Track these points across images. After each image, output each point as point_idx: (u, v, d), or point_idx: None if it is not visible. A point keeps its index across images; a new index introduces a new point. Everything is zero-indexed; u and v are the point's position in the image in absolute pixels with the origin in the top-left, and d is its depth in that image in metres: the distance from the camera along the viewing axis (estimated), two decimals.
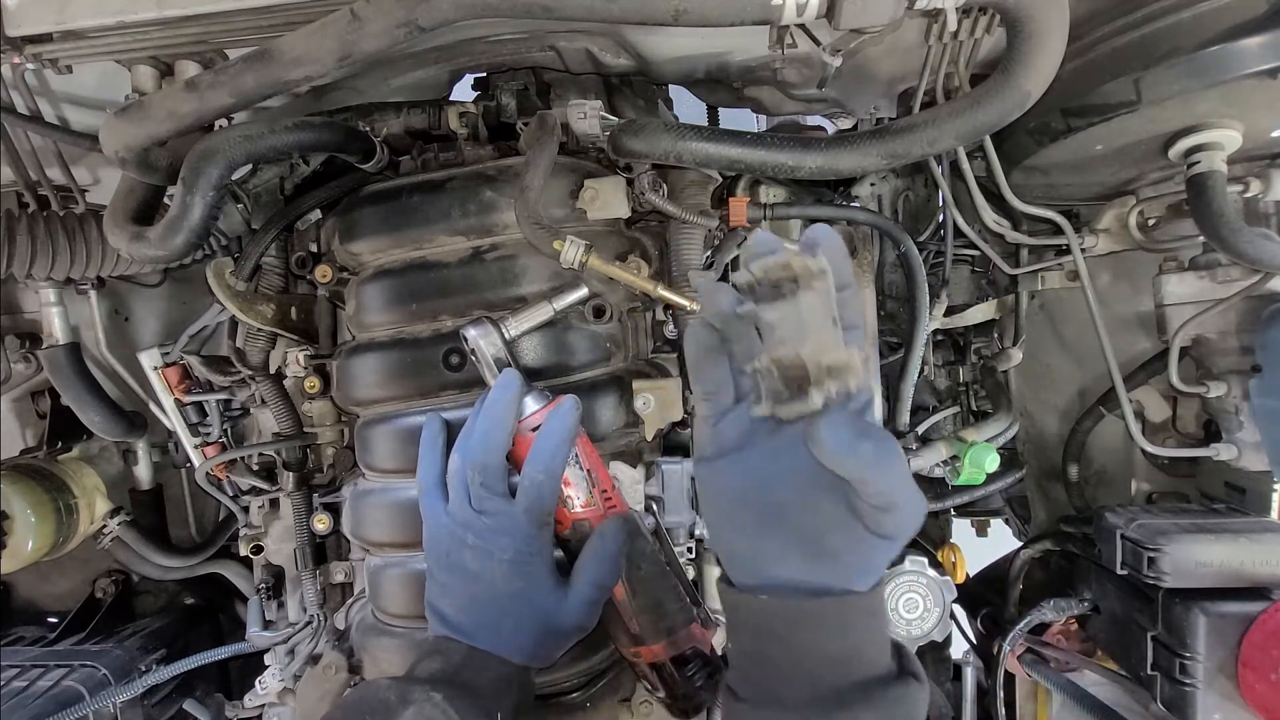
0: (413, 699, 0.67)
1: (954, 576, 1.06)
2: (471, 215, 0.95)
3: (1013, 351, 1.32)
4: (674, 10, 0.72)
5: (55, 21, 0.81)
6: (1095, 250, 1.21)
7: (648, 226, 1.08)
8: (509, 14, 0.75)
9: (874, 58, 0.97)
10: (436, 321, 0.96)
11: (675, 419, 1.00)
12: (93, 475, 1.44)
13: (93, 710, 1.19)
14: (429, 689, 0.68)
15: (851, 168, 0.87)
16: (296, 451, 1.18)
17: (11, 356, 1.40)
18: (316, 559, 1.18)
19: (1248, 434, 1.12)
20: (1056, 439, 1.44)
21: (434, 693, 0.67)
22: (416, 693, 0.67)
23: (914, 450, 1.09)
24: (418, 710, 0.66)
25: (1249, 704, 0.97)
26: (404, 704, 0.66)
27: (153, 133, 0.83)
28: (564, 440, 0.78)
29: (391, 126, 1.04)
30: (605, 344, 0.97)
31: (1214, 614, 0.99)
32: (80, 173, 1.17)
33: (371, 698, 0.69)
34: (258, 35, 0.85)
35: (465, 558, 0.77)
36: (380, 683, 0.71)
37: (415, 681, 0.71)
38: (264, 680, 1.13)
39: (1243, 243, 0.91)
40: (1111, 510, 1.17)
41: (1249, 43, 0.78)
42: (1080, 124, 0.92)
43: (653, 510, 0.93)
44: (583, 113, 0.92)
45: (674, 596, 0.86)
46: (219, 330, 1.33)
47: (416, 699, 0.67)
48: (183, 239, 0.87)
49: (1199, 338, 1.15)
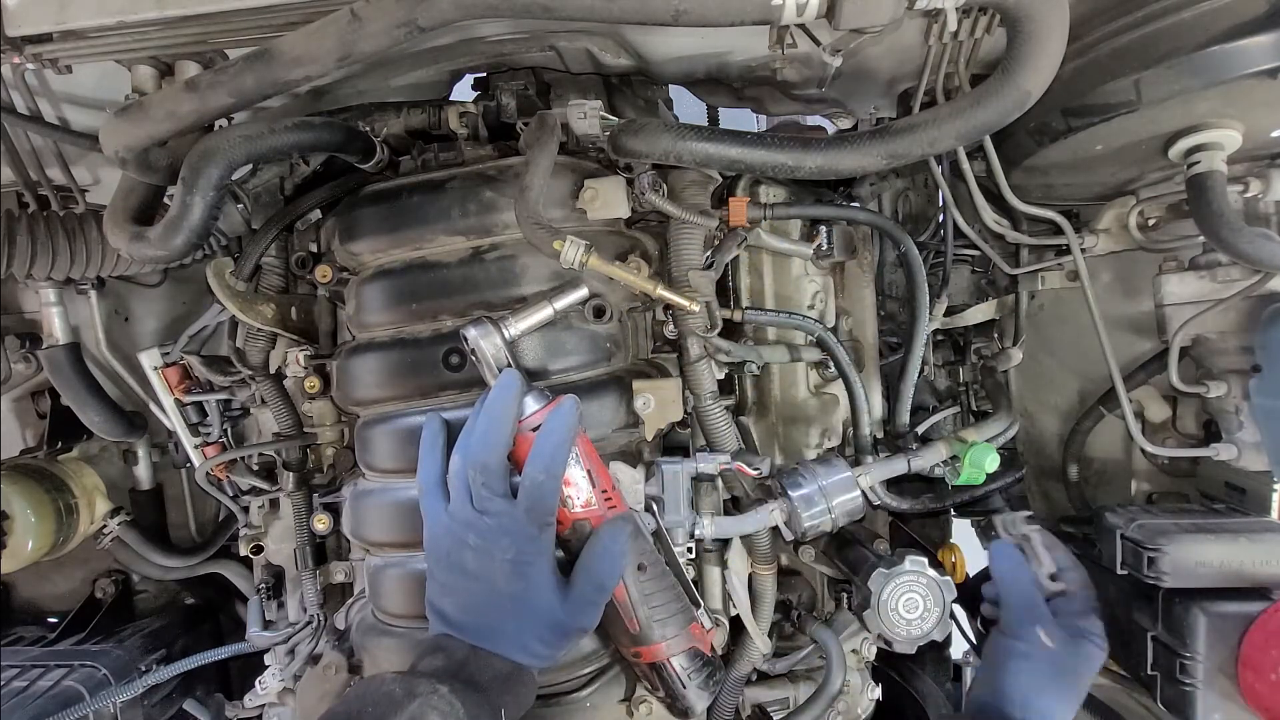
0: (418, 692, 0.67)
1: (954, 576, 1.05)
2: (471, 215, 0.95)
3: (1013, 351, 1.32)
4: (674, 10, 0.72)
5: (55, 21, 0.81)
6: (1095, 250, 1.21)
7: (648, 226, 1.08)
8: (509, 14, 0.75)
9: (874, 58, 0.97)
10: (436, 321, 0.96)
11: (675, 419, 1.00)
12: (93, 475, 1.45)
13: (93, 710, 1.19)
14: (434, 682, 0.68)
15: (852, 168, 0.87)
16: (296, 451, 1.18)
17: (11, 356, 1.40)
18: (316, 559, 1.18)
19: (1248, 434, 1.12)
20: (1056, 439, 1.44)
21: (440, 685, 0.67)
22: (422, 686, 0.67)
23: (914, 450, 1.09)
24: (424, 702, 0.66)
25: (1249, 704, 0.97)
26: (410, 697, 0.67)
27: (153, 133, 0.83)
28: (564, 440, 0.78)
29: (391, 126, 1.04)
30: (605, 344, 0.97)
31: (1214, 614, 0.99)
32: (80, 173, 1.17)
33: (376, 691, 0.69)
34: (258, 35, 0.85)
35: (466, 558, 0.77)
36: (385, 676, 0.71)
37: (420, 675, 0.71)
38: (264, 680, 1.13)
39: (1243, 243, 0.91)
40: (1111, 510, 1.17)
41: (1249, 43, 0.78)
42: (1080, 124, 0.92)
43: (653, 510, 0.93)
44: (583, 113, 0.92)
45: (674, 596, 0.86)
46: (219, 330, 1.33)
47: (422, 692, 0.67)
48: (183, 239, 0.87)
49: (1199, 338, 1.15)
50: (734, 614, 1.06)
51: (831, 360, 1.12)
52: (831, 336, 1.10)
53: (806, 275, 1.16)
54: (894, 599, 1.00)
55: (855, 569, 1.07)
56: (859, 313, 1.25)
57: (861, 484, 1.02)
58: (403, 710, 0.65)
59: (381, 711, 0.66)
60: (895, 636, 1.01)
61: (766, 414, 1.17)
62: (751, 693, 1.14)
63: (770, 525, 1.00)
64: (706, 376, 0.99)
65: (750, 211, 1.05)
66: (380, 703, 0.67)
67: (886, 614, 1.01)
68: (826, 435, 1.16)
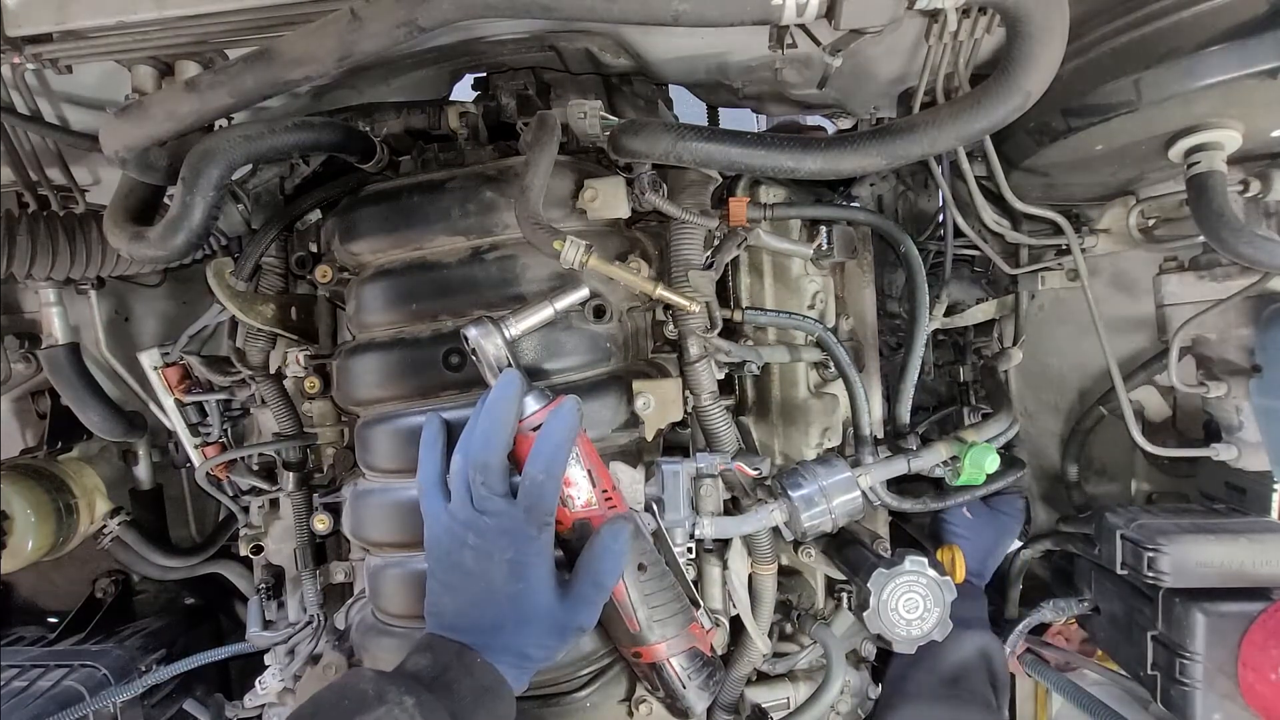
0: (387, 698, 0.68)
1: (954, 576, 1.05)
2: (471, 215, 0.95)
3: (1013, 351, 1.32)
4: (674, 11, 0.72)
5: (55, 21, 0.81)
6: (1095, 250, 1.22)
7: (648, 226, 1.08)
8: (509, 14, 0.75)
9: (874, 58, 0.97)
10: (436, 321, 0.96)
11: (675, 419, 1.00)
12: (93, 475, 1.45)
13: (93, 710, 1.19)
14: (404, 691, 0.69)
15: (852, 168, 0.87)
16: (296, 451, 1.18)
17: (11, 356, 1.40)
18: (316, 559, 1.19)
19: (1248, 434, 1.12)
20: (1056, 439, 1.44)
21: (407, 696, 0.68)
22: (391, 693, 0.69)
23: (914, 450, 1.09)
24: (387, 711, 0.67)
25: (1249, 704, 0.97)
26: (379, 701, 0.68)
27: (153, 133, 0.83)
28: (565, 440, 0.78)
29: (391, 126, 1.04)
30: (605, 344, 0.97)
31: (1214, 614, 0.99)
32: (80, 173, 1.17)
33: (354, 686, 0.71)
34: (258, 35, 0.85)
35: (466, 558, 0.77)
36: (365, 673, 0.72)
37: (397, 679, 0.72)
38: (264, 680, 1.13)
39: (1243, 243, 0.91)
40: (1111, 510, 1.17)
41: (1249, 43, 0.78)
42: (1080, 124, 0.92)
43: (653, 510, 0.93)
44: (583, 113, 0.92)
45: (674, 596, 0.86)
46: (219, 330, 1.33)
47: (390, 699, 0.68)
48: (183, 239, 0.87)
49: (1199, 338, 1.15)
50: (734, 614, 1.06)
51: (831, 360, 1.12)
52: (831, 336, 1.10)
53: (806, 275, 1.16)
54: (894, 599, 1.00)
55: (855, 569, 1.07)
56: (859, 313, 1.25)
57: (861, 484, 1.02)
58: (369, 712, 0.67)
59: (353, 707, 0.68)
60: (895, 636, 1.01)
61: (766, 414, 1.17)
62: (751, 693, 1.14)
63: (770, 525, 1.00)
64: (706, 376, 0.99)
65: (750, 211, 1.05)
66: (353, 698, 0.69)
67: (886, 614, 1.01)
68: (826, 435, 1.16)
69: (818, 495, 0.99)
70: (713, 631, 0.98)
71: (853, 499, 1.01)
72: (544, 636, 0.78)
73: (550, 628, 0.77)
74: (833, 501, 0.99)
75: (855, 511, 1.01)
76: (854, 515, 1.01)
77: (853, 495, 1.01)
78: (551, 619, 0.77)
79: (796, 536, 1.02)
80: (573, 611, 0.78)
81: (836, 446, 1.18)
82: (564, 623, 0.78)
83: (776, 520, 1.00)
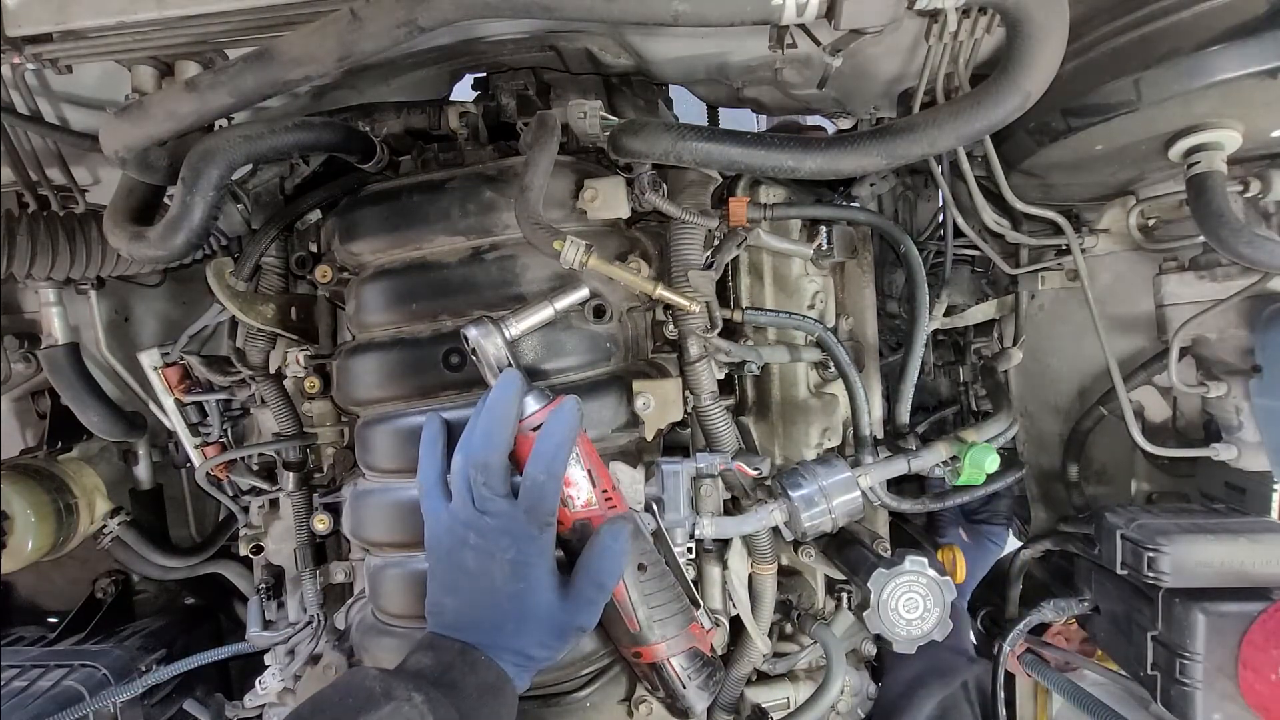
0: (395, 695, 0.68)
1: (954, 576, 1.05)
2: (471, 215, 0.95)
3: (1013, 351, 1.32)
4: (674, 11, 0.72)
5: (55, 21, 0.81)
6: (1095, 250, 1.22)
7: (648, 226, 1.08)
8: (509, 14, 0.75)
9: (874, 58, 0.97)
10: (436, 321, 0.96)
11: (675, 419, 1.00)
12: (93, 475, 1.44)
13: (93, 710, 1.19)
14: (411, 689, 0.69)
15: (852, 168, 0.87)
16: (296, 451, 1.18)
17: (11, 356, 1.40)
18: (316, 559, 1.19)
19: (1248, 434, 1.12)
20: (1056, 439, 1.44)
21: (415, 693, 0.68)
22: (399, 690, 0.68)
23: (914, 451, 1.09)
24: (395, 708, 0.67)
25: (1249, 704, 0.97)
26: (386, 698, 0.67)
27: (153, 133, 0.83)
28: (565, 440, 0.78)
29: (391, 126, 1.04)
30: (605, 344, 0.97)
31: (1214, 614, 0.99)
32: (80, 173, 1.17)
33: (359, 684, 0.70)
34: (258, 35, 0.85)
35: (466, 557, 0.77)
36: (370, 671, 0.72)
37: (403, 676, 0.71)
38: (264, 680, 1.13)
39: (1243, 243, 0.91)
40: (1111, 510, 1.17)
41: (1249, 43, 0.78)
42: (1080, 124, 0.92)
43: (653, 510, 0.93)
44: (583, 113, 0.92)
45: (674, 596, 0.86)
46: (219, 330, 1.33)
47: (398, 695, 0.68)
48: (183, 239, 0.87)
49: (1199, 338, 1.15)
50: (734, 614, 1.06)
51: (831, 360, 1.12)
52: (831, 336, 1.10)
53: (806, 275, 1.16)
54: (894, 599, 1.00)
55: (855, 569, 1.07)
56: (859, 313, 1.25)
57: (861, 484, 1.03)
58: (376, 710, 0.66)
59: (358, 705, 0.67)
60: (895, 636, 1.01)
61: (766, 414, 1.17)
62: (751, 693, 1.14)
63: (770, 525, 1.00)
64: (706, 376, 1.00)
65: (750, 211, 1.05)
66: (358, 696, 0.69)
67: (886, 614, 1.01)
68: (826, 435, 1.16)
69: (818, 495, 0.99)
70: (713, 631, 0.98)
71: (853, 499, 1.01)
72: (545, 636, 0.78)
73: (551, 627, 0.77)
74: (833, 501, 0.99)
75: (855, 511, 1.01)
76: (854, 515, 1.01)
77: (852, 495, 1.01)
78: (552, 619, 0.77)
79: (796, 536, 1.02)
80: (574, 611, 0.78)
81: (836, 446, 1.18)
82: (565, 623, 0.78)
83: (776, 520, 1.00)
